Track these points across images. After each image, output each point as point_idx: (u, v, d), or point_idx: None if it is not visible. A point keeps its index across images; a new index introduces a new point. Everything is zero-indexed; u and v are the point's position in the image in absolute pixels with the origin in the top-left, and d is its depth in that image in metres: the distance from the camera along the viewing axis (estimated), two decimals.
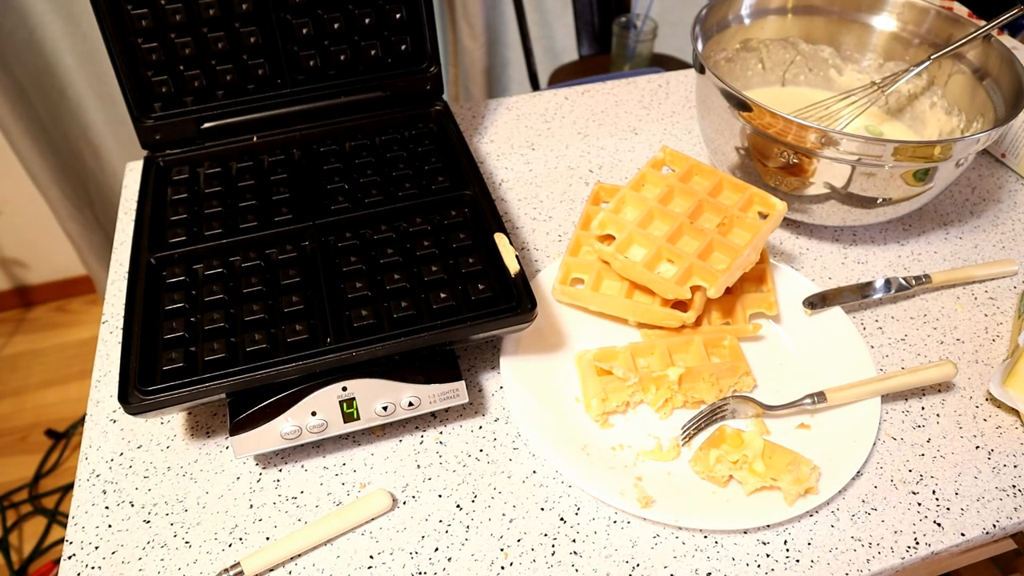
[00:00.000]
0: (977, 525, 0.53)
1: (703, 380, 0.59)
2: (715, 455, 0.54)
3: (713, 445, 0.55)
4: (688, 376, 0.59)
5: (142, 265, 0.61)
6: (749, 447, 0.54)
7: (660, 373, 0.59)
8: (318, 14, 0.72)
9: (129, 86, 0.70)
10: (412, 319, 0.57)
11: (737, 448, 0.54)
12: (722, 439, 0.55)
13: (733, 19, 0.82)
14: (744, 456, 0.54)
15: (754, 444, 0.54)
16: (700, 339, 0.62)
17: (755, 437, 0.55)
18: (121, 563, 0.52)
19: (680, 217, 0.65)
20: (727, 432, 0.56)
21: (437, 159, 0.71)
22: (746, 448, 0.54)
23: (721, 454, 0.54)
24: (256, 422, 0.54)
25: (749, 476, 0.54)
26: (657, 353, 0.61)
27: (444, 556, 0.52)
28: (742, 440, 0.55)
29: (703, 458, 0.55)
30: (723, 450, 0.55)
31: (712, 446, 0.55)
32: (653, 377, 0.59)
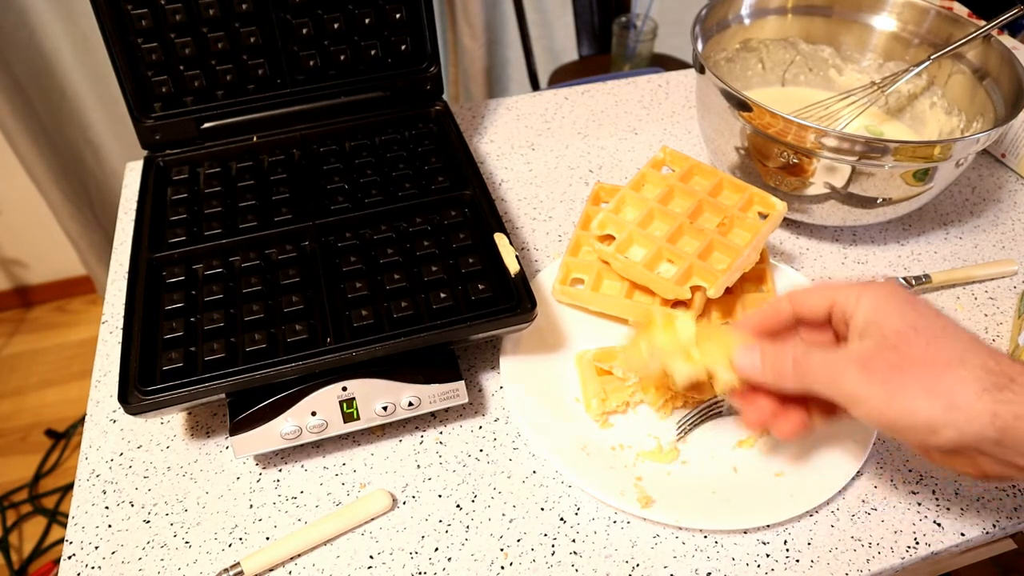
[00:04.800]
0: (977, 525, 0.53)
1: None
2: (645, 345, 0.50)
3: (643, 332, 0.50)
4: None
5: (142, 265, 0.61)
6: (682, 332, 0.49)
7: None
8: (318, 14, 0.72)
9: (129, 86, 0.70)
10: (412, 319, 0.57)
11: (669, 332, 0.50)
12: (650, 324, 0.51)
13: (733, 19, 0.82)
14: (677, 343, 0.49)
15: (687, 329, 0.50)
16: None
17: (688, 321, 0.50)
18: (121, 563, 0.52)
19: (680, 217, 0.65)
20: (656, 319, 0.51)
21: (437, 159, 0.71)
22: (679, 333, 0.49)
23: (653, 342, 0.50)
24: (256, 422, 0.54)
25: (683, 365, 0.49)
26: None
27: (444, 556, 0.52)
28: (674, 324, 0.50)
29: (633, 349, 0.50)
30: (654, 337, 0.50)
31: (642, 333, 0.50)
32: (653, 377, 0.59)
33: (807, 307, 0.47)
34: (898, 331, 0.41)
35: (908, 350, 0.40)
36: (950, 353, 0.39)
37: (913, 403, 0.39)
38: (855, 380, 0.40)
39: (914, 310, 0.41)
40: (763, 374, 0.45)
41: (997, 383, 0.38)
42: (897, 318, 0.41)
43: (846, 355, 0.42)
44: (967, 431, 0.38)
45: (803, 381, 0.43)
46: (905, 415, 0.39)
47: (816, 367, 0.43)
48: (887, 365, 0.40)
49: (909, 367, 0.39)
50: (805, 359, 0.43)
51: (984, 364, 0.38)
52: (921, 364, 0.39)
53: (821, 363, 0.42)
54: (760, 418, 0.47)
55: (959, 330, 0.41)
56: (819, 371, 0.42)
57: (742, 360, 0.46)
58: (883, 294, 0.42)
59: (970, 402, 0.38)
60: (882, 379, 0.40)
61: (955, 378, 0.38)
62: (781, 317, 0.48)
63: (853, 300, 0.43)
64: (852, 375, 0.41)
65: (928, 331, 0.40)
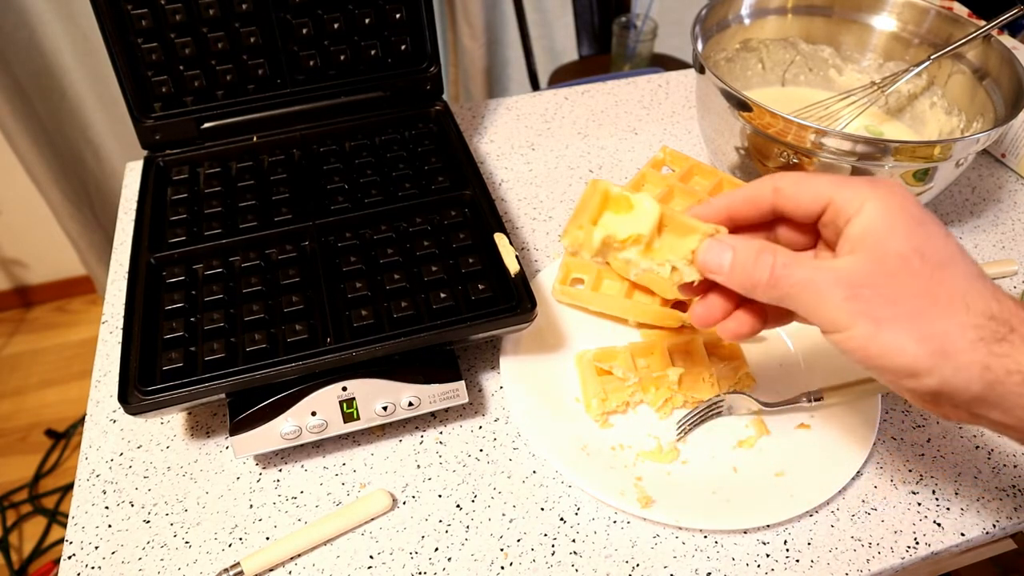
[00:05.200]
0: (977, 525, 0.53)
1: (703, 380, 0.59)
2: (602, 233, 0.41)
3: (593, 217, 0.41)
4: (688, 376, 0.59)
5: (142, 265, 0.61)
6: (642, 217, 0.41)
7: (660, 373, 0.59)
8: (318, 14, 0.72)
9: (129, 86, 0.70)
10: (412, 319, 0.57)
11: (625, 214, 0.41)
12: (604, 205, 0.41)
13: (733, 19, 0.82)
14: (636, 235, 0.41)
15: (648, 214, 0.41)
16: (700, 339, 0.62)
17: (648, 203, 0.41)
18: (121, 563, 0.52)
19: None
20: (611, 194, 0.42)
21: (437, 159, 0.71)
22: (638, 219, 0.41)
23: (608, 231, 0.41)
24: (256, 422, 0.54)
25: (640, 258, 0.41)
26: (657, 353, 0.61)
27: (444, 556, 0.52)
28: (631, 205, 0.41)
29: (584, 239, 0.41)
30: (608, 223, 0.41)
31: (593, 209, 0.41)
32: (653, 377, 0.59)
33: (795, 203, 0.40)
34: (901, 255, 0.35)
35: (907, 281, 0.35)
36: (952, 289, 0.35)
37: (899, 342, 0.35)
38: (839, 307, 0.36)
39: (923, 230, 0.36)
40: (731, 277, 0.39)
41: (996, 333, 0.34)
42: (902, 238, 0.36)
43: (833, 274, 0.36)
44: (951, 382, 0.34)
45: (777, 295, 0.38)
46: (887, 355, 0.35)
47: (796, 283, 0.37)
48: (879, 296, 0.35)
49: (904, 301, 0.35)
50: (784, 271, 0.37)
51: (987, 309, 0.35)
52: (918, 299, 0.35)
53: (803, 280, 0.37)
54: (710, 318, 0.42)
55: (966, 260, 0.36)
56: (799, 288, 0.37)
57: (710, 258, 0.40)
58: (892, 205, 0.36)
59: (963, 351, 0.34)
60: (870, 310, 0.35)
61: (953, 323, 0.34)
62: (759, 207, 0.41)
63: (855, 205, 0.37)
64: (836, 300, 0.36)
65: (934, 259, 0.35)
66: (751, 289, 0.39)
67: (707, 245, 0.40)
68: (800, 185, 0.40)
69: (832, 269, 0.36)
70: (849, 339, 0.36)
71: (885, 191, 0.37)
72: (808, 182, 0.39)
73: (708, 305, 0.42)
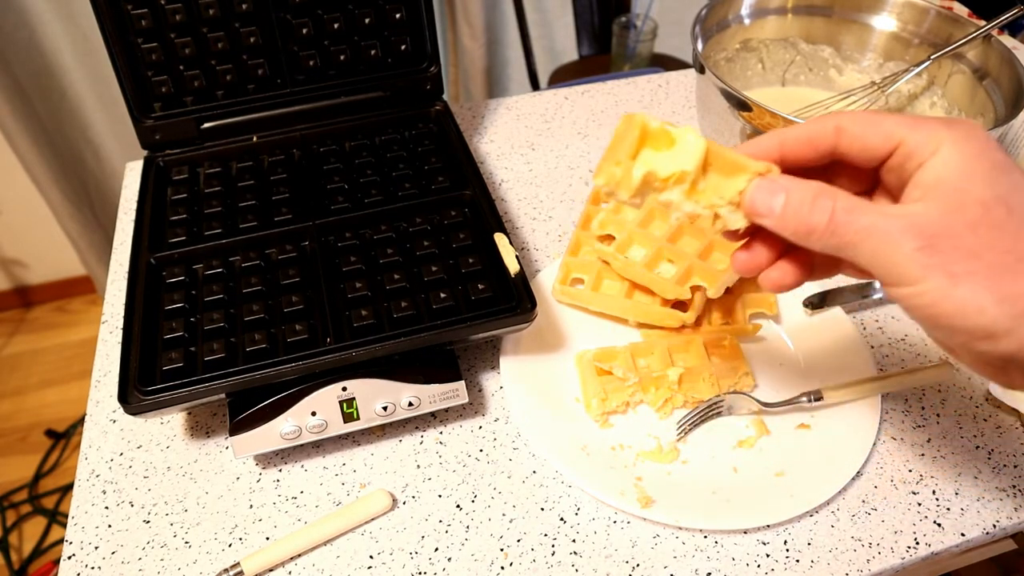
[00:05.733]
0: (977, 525, 0.53)
1: (703, 380, 0.59)
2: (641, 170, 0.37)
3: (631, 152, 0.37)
4: (688, 376, 0.59)
5: (142, 265, 0.61)
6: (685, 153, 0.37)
7: (660, 373, 0.59)
8: (318, 14, 0.72)
9: (129, 86, 0.70)
10: (412, 319, 0.57)
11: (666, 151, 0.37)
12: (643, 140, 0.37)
13: (733, 19, 0.82)
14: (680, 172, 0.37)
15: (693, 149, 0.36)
16: (700, 339, 0.62)
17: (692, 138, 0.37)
18: (121, 563, 0.52)
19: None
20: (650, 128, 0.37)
21: (437, 159, 0.71)
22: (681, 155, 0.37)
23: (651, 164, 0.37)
24: (256, 422, 0.54)
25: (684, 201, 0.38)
26: (657, 353, 0.61)
27: (444, 556, 0.52)
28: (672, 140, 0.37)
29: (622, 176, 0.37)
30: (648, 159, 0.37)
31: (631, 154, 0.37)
32: (653, 377, 0.59)
33: (861, 144, 0.36)
34: (984, 203, 0.32)
35: (989, 234, 0.31)
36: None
37: (978, 300, 0.31)
38: (910, 258, 0.32)
39: (1008, 178, 0.32)
40: (783, 222, 0.35)
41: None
42: (984, 185, 0.32)
43: (904, 221, 0.32)
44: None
45: (836, 243, 0.34)
46: (963, 313, 0.32)
47: (860, 229, 0.33)
48: (957, 248, 0.31)
49: (985, 255, 0.31)
50: (847, 217, 0.33)
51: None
52: (1002, 254, 0.31)
53: (868, 227, 0.33)
54: (755, 266, 0.39)
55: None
56: (863, 236, 0.33)
57: (760, 200, 0.36)
58: (972, 149, 0.33)
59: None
60: (946, 263, 0.31)
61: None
62: (817, 148, 0.37)
63: (931, 146, 0.33)
64: (907, 250, 0.32)
65: (1021, 211, 0.32)
66: (806, 235, 0.35)
67: (757, 184, 0.36)
68: (867, 125, 0.35)
69: (903, 215, 0.33)
70: (919, 294, 0.32)
71: (964, 132, 0.33)
72: (876, 121, 0.35)
73: (753, 251, 0.39)
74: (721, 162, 0.37)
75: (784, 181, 0.35)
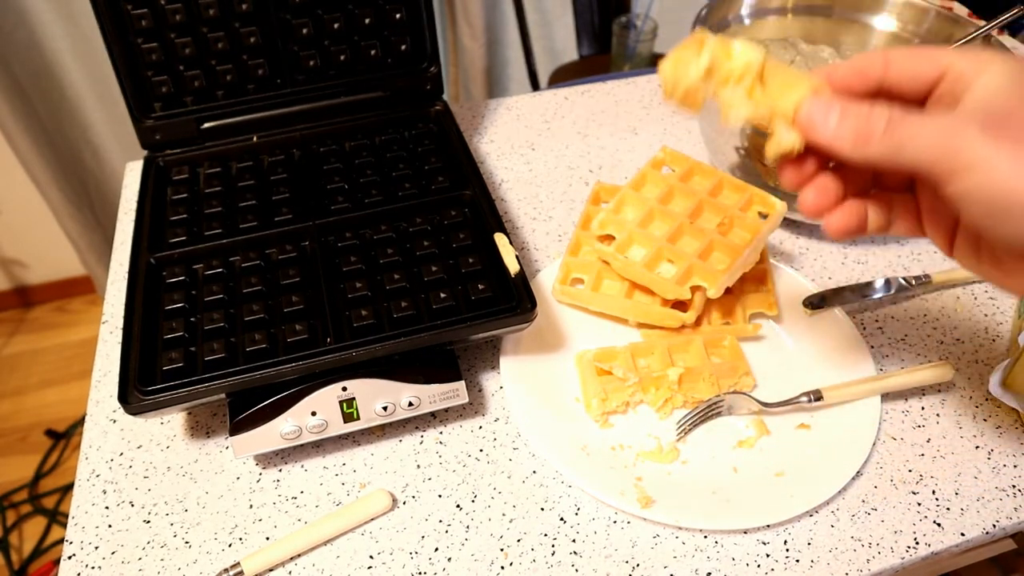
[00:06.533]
0: (977, 525, 0.53)
1: (703, 380, 0.59)
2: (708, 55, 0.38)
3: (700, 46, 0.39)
4: (688, 376, 0.59)
5: (142, 265, 0.61)
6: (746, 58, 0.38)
7: (660, 373, 0.59)
8: (318, 14, 0.72)
9: (129, 86, 0.70)
10: (412, 319, 0.57)
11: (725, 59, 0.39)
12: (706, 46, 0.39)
13: (733, 19, 0.82)
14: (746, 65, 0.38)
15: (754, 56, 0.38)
16: (700, 339, 0.62)
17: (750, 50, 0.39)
18: (121, 563, 0.52)
19: (680, 217, 0.65)
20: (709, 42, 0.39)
21: (437, 159, 0.71)
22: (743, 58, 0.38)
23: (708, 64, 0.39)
24: (256, 422, 0.54)
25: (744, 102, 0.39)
26: (657, 353, 0.61)
27: (444, 556, 0.52)
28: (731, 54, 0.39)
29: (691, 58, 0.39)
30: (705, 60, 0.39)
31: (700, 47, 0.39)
32: (653, 377, 0.59)
33: (911, 73, 0.36)
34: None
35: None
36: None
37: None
38: (976, 140, 0.32)
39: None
40: (838, 134, 0.35)
41: None
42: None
43: (964, 113, 0.33)
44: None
45: (895, 147, 0.34)
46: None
47: (920, 129, 0.33)
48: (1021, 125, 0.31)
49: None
50: (904, 119, 0.34)
51: None
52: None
53: (928, 123, 0.33)
54: (824, 202, 0.38)
55: None
56: (924, 134, 0.33)
57: (816, 112, 0.36)
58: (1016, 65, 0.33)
59: None
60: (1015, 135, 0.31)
61: None
62: (866, 80, 0.37)
63: (979, 68, 0.34)
64: (972, 135, 0.32)
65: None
66: (864, 144, 0.35)
67: (813, 100, 0.36)
68: (915, 55, 0.36)
69: (960, 110, 0.33)
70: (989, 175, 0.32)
71: (1008, 57, 0.34)
72: (924, 52, 0.36)
73: (821, 188, 0.38)
74: (777, 78, 0.38)
75: (837, 100, 0.36)
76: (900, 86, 0.37)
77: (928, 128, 0.33)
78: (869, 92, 0.38)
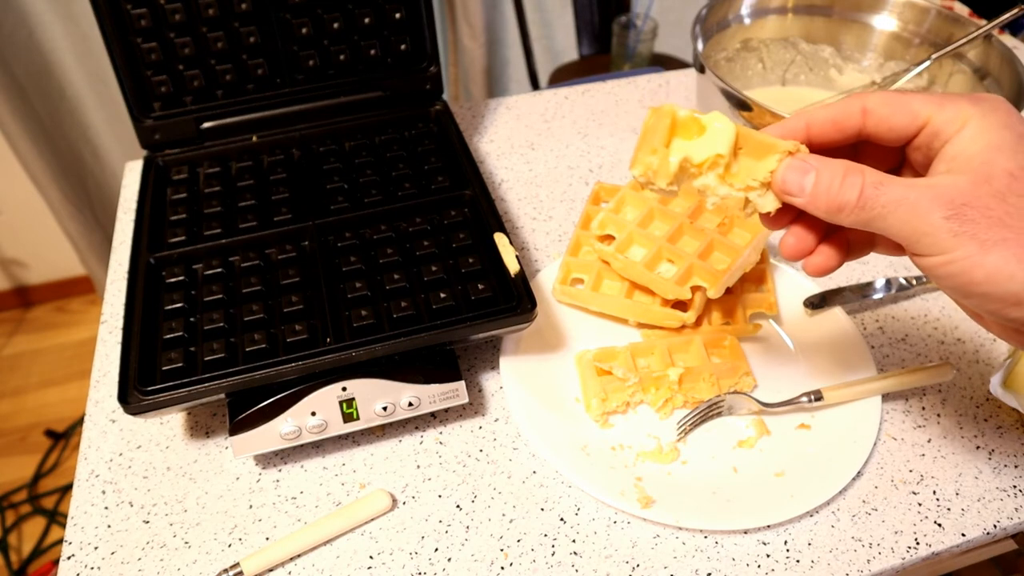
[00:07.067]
0: (978, 525, 0.53)
1: (703, 380, 0.59)
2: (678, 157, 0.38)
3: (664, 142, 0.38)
4: (688, 376, 0.59)
5: (142, 265, 0.61)
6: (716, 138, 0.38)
7: (660, 373, 0.59)
8: (318, 14, 0.72)
9: (129, 86, 0.70)
10: (412, 319, 0.57)
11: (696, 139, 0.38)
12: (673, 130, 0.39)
13: (733, 19, 0.82)
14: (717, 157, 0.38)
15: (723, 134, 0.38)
16: (700, 339, 0.62)
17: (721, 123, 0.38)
18: (120, 563, 0.52)
19: (680, 217, 0.65)
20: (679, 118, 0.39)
21: (437, 159, 0.71)
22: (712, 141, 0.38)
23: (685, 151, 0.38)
24: (256, 422, 0.54)
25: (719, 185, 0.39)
26: (657, 353, 0.61)
27: (444, 556, 0.52)
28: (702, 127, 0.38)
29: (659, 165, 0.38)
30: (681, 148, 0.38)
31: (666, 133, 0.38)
32: (653, 377, 0.59)
33: (888, 125, 0.36)
34: (1011, 173, 0.33)
35: (1016, 202, 0.32)
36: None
37: (1009, 267, 0.32)
38: (939, 227, 0.33)
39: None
40: (814, 200, 0.36)
41: None
42: (1010, 156, 0.33)
43: (932, 191, 0.33)
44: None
45: (866, 216, 0.35)
46: (994, 280, 0.32)
47: (889, 202, 0.34)
48: (985, 216, 0.32)
49: (1013, 223, 0.32)
50: (875, 191, 0.34)
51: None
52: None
53: (898, 199, 0.34)
54: (804, 248, 0.40)
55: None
56: (892, 207, 0.34)
57: (791, 179, 0.36)
58: (996, 122, 0.34)
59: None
60: (975, 231, 0.32)
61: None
62: (844, 130, 0.38)
63: (957, 123, 0.34)
64: (936, 219, 0.33)
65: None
66: (837, 211, 0.36)
67: (788, 164, 0.37)
68: (893, 105, 0.36)
69: (931, 186, 0.33)
70: (949, 263, 0.33)
71: (988, 107, 0.34)
72: (902, 102, 0.36)
73: (798, 236, 0.40)
74: (751, 144, 0.38)
75: (813, 160, 0.36)
76: (878, 136, 0.37)
77: (897, 206, 0.34)
78: (848, 141, 0.38)
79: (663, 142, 0.38)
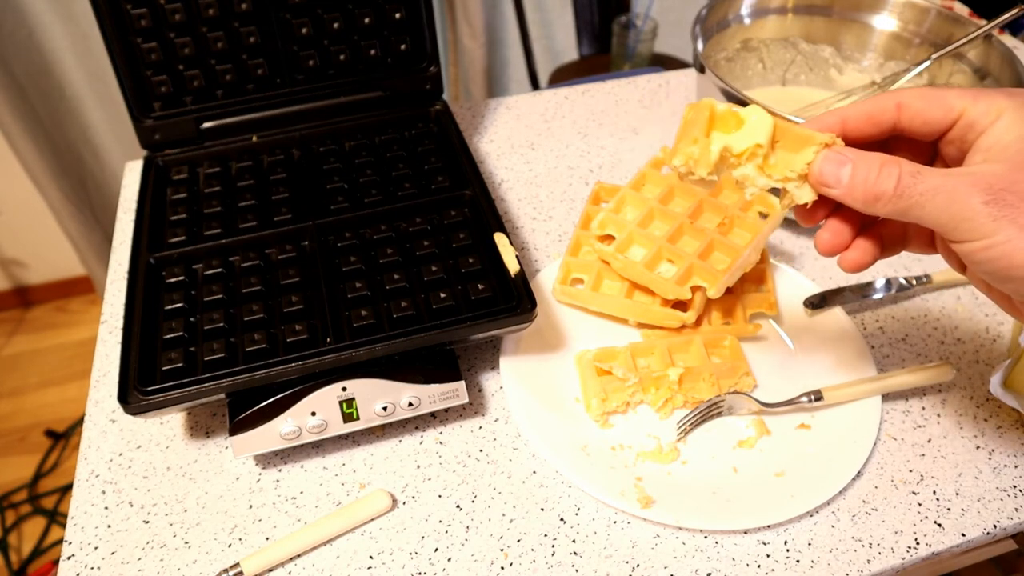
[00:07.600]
0: (978, 525, 0.53)
1: (703, 380, 0.59)
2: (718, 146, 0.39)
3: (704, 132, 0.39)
4: (688, 376, 0.59)
5: (141, 265, 0.61)
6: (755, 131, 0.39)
7: (660, 373, 0.59)
8: (318, 14, 0.72)
9: (129, 86, 0.70)
10: (412, 319, 0.57)
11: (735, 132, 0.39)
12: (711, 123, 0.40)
13: (733, 19, 0.82)
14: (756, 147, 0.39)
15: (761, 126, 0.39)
16: (700, 339, 0.62)
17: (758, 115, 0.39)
18: (120, 563, 0.52)
19: (680, 217, 0.65)
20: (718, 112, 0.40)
21: (437, 159, 0.71)
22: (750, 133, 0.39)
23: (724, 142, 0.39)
24: (256, 422, 0.54)
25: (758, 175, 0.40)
26: (657, 353, 0.61)
27: (444, 556, 0.52)
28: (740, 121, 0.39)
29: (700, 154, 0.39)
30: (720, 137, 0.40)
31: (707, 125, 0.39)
32: (653, 377, 0.59)
33: (923, 119, 0.37)
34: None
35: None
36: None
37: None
38: (979, 212, 0.33)
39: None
40: (850, 191, 0.36)
41: None
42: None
43: (970, 178, 0.34)
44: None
45: (904, 205, 0.35)
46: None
47: (927, 190, 0.34)
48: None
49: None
50: (913, 180, 0.34)
51: None
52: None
53: (936, 186, 0.34)
54: (839, 243, 0.40)
55: None
56: (930, 195, 0.34)
57: (828, 170, 0.37)
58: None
59: None
60: (1015, 216, 0.33)
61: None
62: (879, 125, 0.38)
63: (991, 115, 0.35)
64: (975, 205, 0.33)
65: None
66: (874, 201, 0.36)
67: (824, 156, 0.37)
68: (928, 99, 0.37)
69: (968, 174, 0.34)
70: (990, 247, 0.33)
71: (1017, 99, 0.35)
72: (937, 95, 0.37)
73: (834, 230, 0.40)
74: (788, 137, 0.39)
75: (850, 152, 0.37)
76: (913, 130, 0.38)
77: (935, 193, 0.34)
78: (882, 136, 0.39)
79: (703, 133, 0.39)
